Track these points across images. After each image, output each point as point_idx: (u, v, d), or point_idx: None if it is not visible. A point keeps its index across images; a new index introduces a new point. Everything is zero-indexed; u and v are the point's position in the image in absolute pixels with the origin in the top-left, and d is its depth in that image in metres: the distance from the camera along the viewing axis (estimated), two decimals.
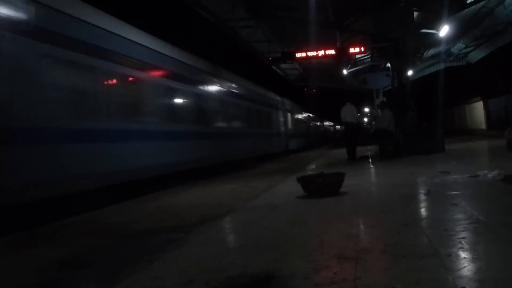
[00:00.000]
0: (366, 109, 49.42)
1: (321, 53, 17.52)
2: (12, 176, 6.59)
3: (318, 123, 46.47)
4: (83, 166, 8.12)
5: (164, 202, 7.65)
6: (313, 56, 17.87)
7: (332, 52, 17.70)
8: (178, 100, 12.72)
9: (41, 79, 7.36)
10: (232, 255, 3.47)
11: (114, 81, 9.55)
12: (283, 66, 27.78)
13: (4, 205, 6.29)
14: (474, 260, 2.80)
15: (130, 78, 10.17)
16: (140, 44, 10.62)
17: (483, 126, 28.47)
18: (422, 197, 5.66)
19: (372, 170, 10.75)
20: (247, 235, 4.27)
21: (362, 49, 18.01)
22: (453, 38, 22.59)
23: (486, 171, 6.76)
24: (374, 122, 20.03)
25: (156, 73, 11.42)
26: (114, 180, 8.88)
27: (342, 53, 18.27)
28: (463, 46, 27.04)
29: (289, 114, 29.23)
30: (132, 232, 5.16)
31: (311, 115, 40.63)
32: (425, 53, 26.60)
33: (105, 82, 9.21)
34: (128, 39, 10.12)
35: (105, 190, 8.61)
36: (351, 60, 26.23)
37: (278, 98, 26.95)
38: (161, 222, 5.60)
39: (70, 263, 3.94)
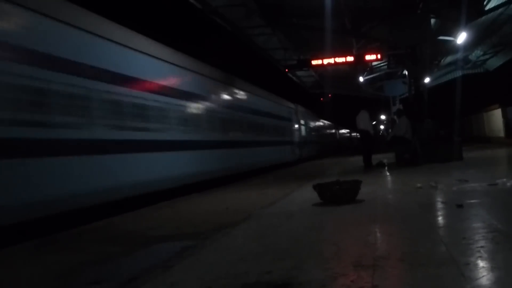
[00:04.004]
0: (383, 117, 49.24)
1: (337, 60, 17.51)
2: None
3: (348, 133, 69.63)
4: None
5: (179, 209, 7.68)
6: (329, 63, 17.88)
7: (348, 59, 17.69)
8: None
9: None
10: (248, 263, 3.47)
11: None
12: (299, 73, 27.77)
13: None
14: (493, 269, 2.76)
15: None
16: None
17: (501, 134, 28.08)
18: (440, 205, 5.61)
19: (389, 177, 10.69)
20: (264, 242, 4.27)
21: (379, 56, 17.98)
22: (471, 45, 22.32)
23: (505, 180, 6.68)
24: (390, 130, 19.90)
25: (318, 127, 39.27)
26: None
27: (359, 60, 18.23)
28: (481, 53, 26.71)
29: (339, 131, 56.01)
30: (148, 239, 5.19)
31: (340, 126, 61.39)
32: (442, 60, 26.36)
33: None
34: None
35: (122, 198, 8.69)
36: (367, 67, 26.13)
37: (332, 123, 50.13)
38: (177, 229, 5.62)
39: (87, 269, 3.97)
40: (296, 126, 28.30)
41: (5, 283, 3.73)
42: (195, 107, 13.25)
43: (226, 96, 16.62)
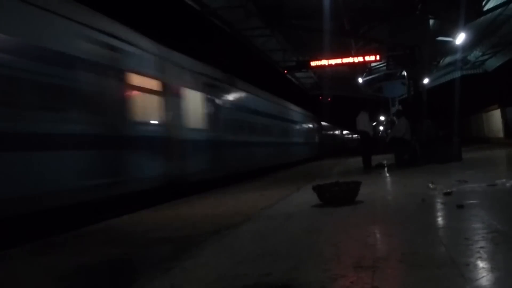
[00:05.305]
0: (382, 118, 49.35)
1: (336, 61, 17.54)
2: None
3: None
4: None
5: (179, 211, 7.67)
6: (328, 64, 17.90)
7: (347, 60, 17.71)
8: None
9: None
10: (248, 264, 3.47)
11: None
12: (298, 75, 27.79)
13: None
14: (493, 269, 2.76)
15: None
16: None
17: (500, 134, 28.08)
18: (439, 206, 5.61)
19: (388, 178, 10.69)
20: (263, 244, 4.26)
21: (378, 57, 17.99)
22: (470, 45, 22.33)
23: (504, 180, 6.68)
24: (390, 131, 19.91)
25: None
26: None
27: (357, 61, 18.24)
28: (480, 53, 26.72)
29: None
30: (148, 241, 5.18)
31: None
32: (441, 61, 26.38)
33: None
34: None
35: (121, 199, 8.66)
36: (366, 69, 26.14)
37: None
38: (176, 231, 5.61)
39: (86, 272, 3.96)
40: None
41: (4, 286, 3.72)
42: None
43: None
